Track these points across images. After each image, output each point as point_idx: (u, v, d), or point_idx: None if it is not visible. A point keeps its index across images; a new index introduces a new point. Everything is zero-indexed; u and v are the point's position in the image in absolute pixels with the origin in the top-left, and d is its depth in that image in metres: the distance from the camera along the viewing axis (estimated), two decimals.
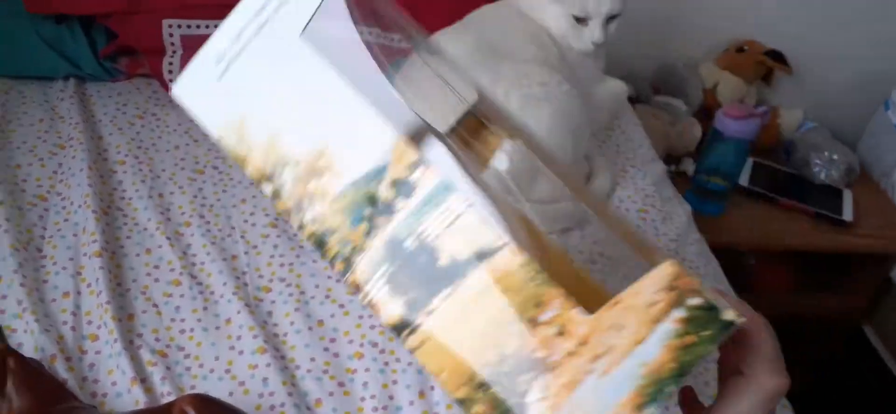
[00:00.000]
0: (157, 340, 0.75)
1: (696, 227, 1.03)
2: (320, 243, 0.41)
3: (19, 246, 0.79)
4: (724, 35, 1.58)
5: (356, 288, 0.40)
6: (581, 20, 1.00)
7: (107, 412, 0.68)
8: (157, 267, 0.82)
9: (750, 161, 1.49)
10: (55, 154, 0.92)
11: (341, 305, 0.81)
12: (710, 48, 1.59)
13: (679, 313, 0.37)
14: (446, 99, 0.57)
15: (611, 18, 1.00)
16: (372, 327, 0.78)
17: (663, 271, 0.38)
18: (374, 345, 0.77)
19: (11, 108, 0.98)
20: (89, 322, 0.75)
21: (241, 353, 0.75)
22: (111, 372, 0.71)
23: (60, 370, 0.69)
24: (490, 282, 0.38)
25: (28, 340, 0.71)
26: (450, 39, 0.96)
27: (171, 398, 0.69)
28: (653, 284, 0.38)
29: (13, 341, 0.71)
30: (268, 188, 0.42)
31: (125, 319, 0.76)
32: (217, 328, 0.77)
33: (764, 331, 0.43)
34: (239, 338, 0.76)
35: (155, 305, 0.78)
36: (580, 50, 1.02)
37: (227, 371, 0.73)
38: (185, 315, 0.77)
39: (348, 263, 0.40)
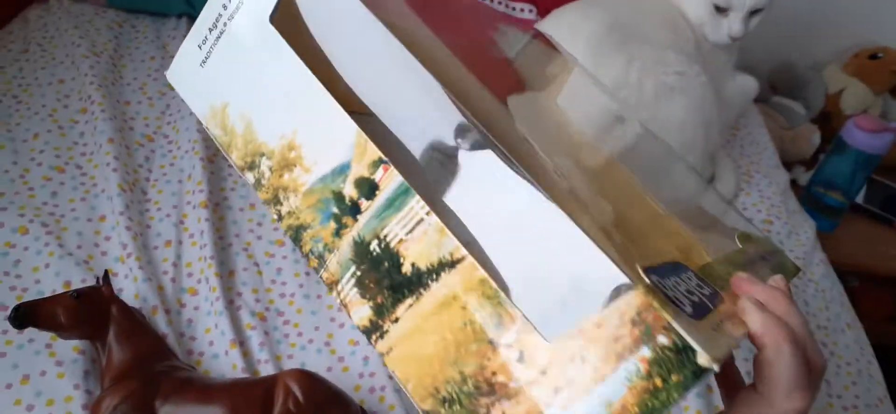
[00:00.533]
0: (256, 301, 0.72)
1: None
2: (296, 238, 0.40)
3: (126, 187, 0.77)
4: (855, 38, 1.46)
5: (330, 286, 0.39)
6: (722, 10, 0.92)
7: (203, 373, 0.66)
8: (260, 224, 0.79)
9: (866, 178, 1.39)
10: (164, 94, 0.90)
11: None
12: (838, 51, 1.47)
13: (645, 352, 0.32)
14: None
15: (754, 12, 0.92)
16: None
17: (630, 301, 0.32)
18: None
19: (124, 43, 0.96)
20: (190, 274, 0.73)
21: (341, 326, 0.72)
22: (209, 330, 0.69)
23: (161, 324, 0.67)
24: (450, 296, 0.36)
25: (129, 287, 0.69)
26: (578, 15, 0.90)
27: (268, 366, 0.66)
28: (617, 316, 0.32)
29: (114, 285, 0.69)
30: (250, 177, 0.41)
31: (226, 275, 0.73)
32: (318, 297, 0.74)
33: (784, 345, 0.37)
34: (340, 309, 0.73)
35: (256, 264, 0.75)
36: (715, 41, 0.94)
37: (327, 345, 0.70)
38: (287, 278, 0.74)
39: (321, 260, 0.39)
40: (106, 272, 0.64)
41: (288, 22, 0.41)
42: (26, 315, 0.57)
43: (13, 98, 0.85)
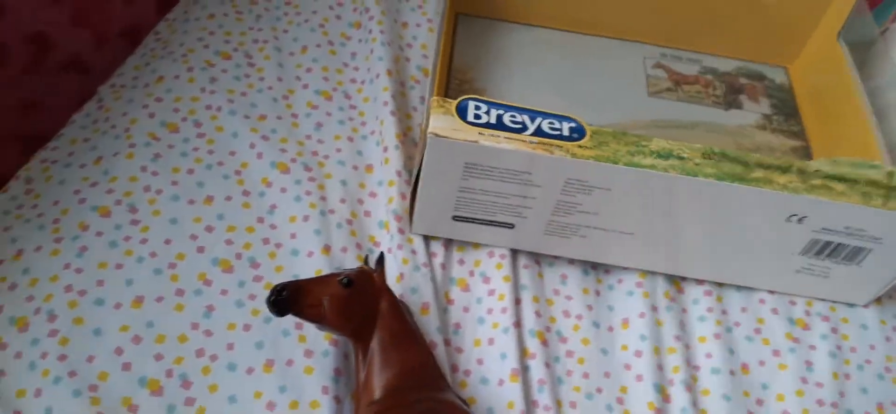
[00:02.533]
0: (537, 314, 0.56)
1: None
2: None
3: (402, 136, 0.63)
4: None
5: None
6: None
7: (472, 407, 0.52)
8: None
9: None
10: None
11: None
12: None
13: None
14: None
15: None
16: None
17: None
18: None
19: None
20: (461, 262, 0.59)
21: (639, 378, 0.55)
22: (478, 343, 0.55)
23: (430, 328, 0.54)
24: None
25: (392, 268, 0.56)
26: None
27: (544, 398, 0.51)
28: None
29: (371, 260, 0.56)
30: None
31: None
32: (610, 329, 0.57)
33: None
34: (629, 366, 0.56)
35: (537, 262, 0.60)
36: None
37: (620, 402, 0.54)
38: (573, 291, 0.58)
39: None
40: (382, 255, 0.50)
41: None
42: (290, 300, 0.45)
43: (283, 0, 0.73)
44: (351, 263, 0.56)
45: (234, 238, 0.56)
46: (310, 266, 0.55)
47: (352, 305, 0.47)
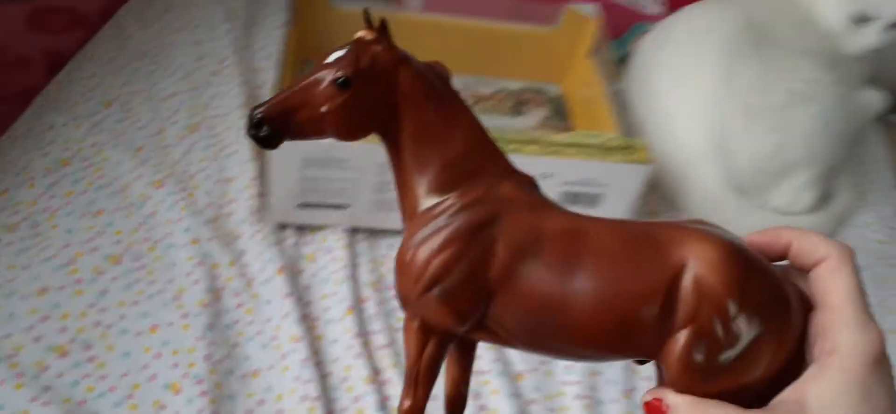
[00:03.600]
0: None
1: None
2: None
3: (257, 154, 0.80)
4: None
5: None
6: (862, 20, 0.87)
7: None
8: None
9: None
10: None
11: None
12: None
13: None
14: None
15: (894, 24, 0.87)
16: None
17: None
18: None
19: (256, 13, 0.99)
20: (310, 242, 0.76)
21: None
22: (324, 297, 0.71)
23: (283, 290, 0.70)
24: None
25: (253, 248, 0.72)
26: (714, 14, 0.87)
27: (380, 336, 0.68)
28: None
29: (238, 248, 0.72)
30: None
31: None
32: None
33: (849, 253, 0.37)
34: None
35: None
36: (851, 52, 0.89)
37: None
38: None
39: None
40: (383, 22, 0.38)
41: None
42: (278, 129, 0.36)
43: (153, 58, 0.89)
44: (219, 252, 0.71)
45: (121, 239, 0.70)
46: (183, 254, 0.70)
47: (360, 107, 0.36)
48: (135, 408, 0.60)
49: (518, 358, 0.69)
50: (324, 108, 0.36)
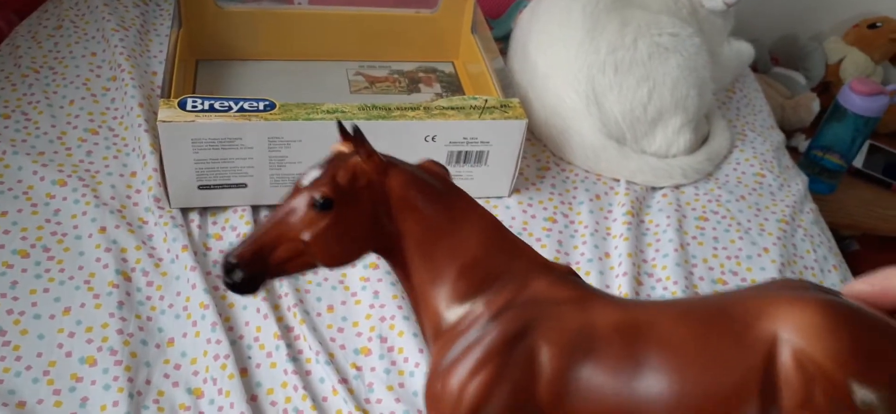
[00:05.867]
0: None
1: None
2: None
3: (157, 147, 0.83)
4: (856, 9, 1.49)
5: None
6: None
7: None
8: None
9: (866, 143, 1.42)
10: None
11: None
12: (838, 22, 1.51)
13: None
14: None
15: None
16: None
17: None
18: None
19: (150, 19, 1.03)
20: (214, 222, 0.79)
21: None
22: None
23: (188, 263, 0.73)
24: None
25: (158, 232, 0.76)
26: None
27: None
28: None
29: (145, 232, 0.75)
30: None
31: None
32: None
33: None
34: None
35: None
36: (711, 7, 0.99)
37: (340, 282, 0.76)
38: None
39: None
40: (356, 129, 0.35)
41: None
42: (254, 274, 0.33)
43: (50, 69, 0.92)
44: (126, 238, 0.75)
45: (28, 235, 0.73)
46: (91, 243, 0.73)
47: (348, 226, 0.33)
48: (52, 382, 0.62)
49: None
50: (306, 237, 0.32)
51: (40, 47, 0.95)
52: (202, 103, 0.74)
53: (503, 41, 1.06)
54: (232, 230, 0.78)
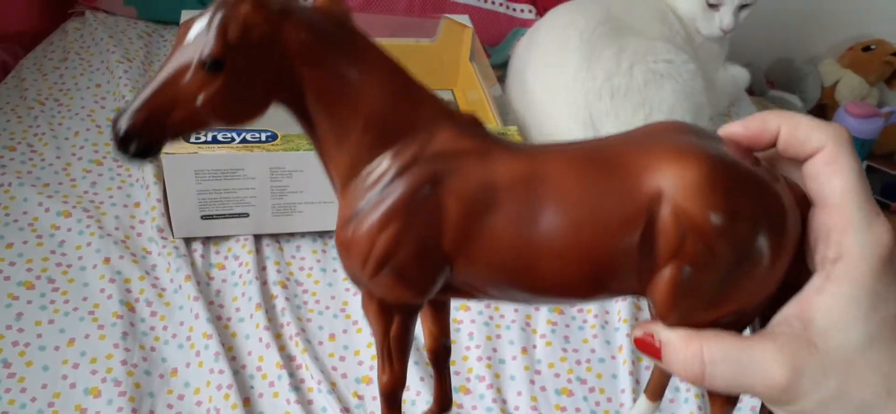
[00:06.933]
0: (278, 272, 0.79)
1: None
2: None
3: (159, 177, 0.84)
4: (850, 32, 1.51)
5: None
6: (712, 5, 0.99)
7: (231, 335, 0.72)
8: None
9: (863, 164, 1.43)
10: None
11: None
12: (833, 45, 1.53)
13: None
14: None
15: (743, 6, 0.99)
16: None
17: None
18: None
19: (154, 50, 1.04)
20: (217, 252, 0.80)
21: (356, 294, 0.78)
22: (235, 299, 0.76)
23: (192, 291, 0.74)
24: None
25: (162, 262, 0.76)
26: (574, 12, 0.97)
27: (289, 328, 0.72)
28: None
29: (148, 261, 0.76)
30: None
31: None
32: (334, 270, 0.81)
33: (846, 135, 0.31)
34: None
35: (277, 241, 0.82)
36: (707, 35, 1.01)
37: (342, 311, 0.77)
38: (306, 254, 0.81)
39: None
40: None
41: None
42: (146, 137, 0.30)
43: (55, 101, 0.93)
44: (130, 268, 0.75)
45: (33, 266, 0.74)
46: (95, 274, 0.74)
47: (243, 85, 0.31)
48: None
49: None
50: (199, 101, 0.30)
51: (46, 79, 0.96)
52: (205, 134, 0.75)
53: (501, 68, 1.08)
54: (235, 259, 0.79)
